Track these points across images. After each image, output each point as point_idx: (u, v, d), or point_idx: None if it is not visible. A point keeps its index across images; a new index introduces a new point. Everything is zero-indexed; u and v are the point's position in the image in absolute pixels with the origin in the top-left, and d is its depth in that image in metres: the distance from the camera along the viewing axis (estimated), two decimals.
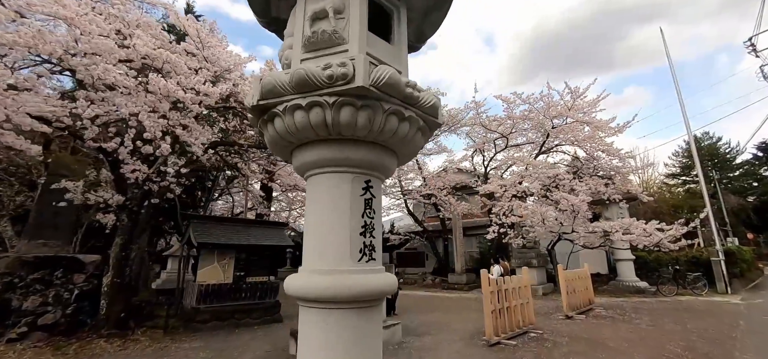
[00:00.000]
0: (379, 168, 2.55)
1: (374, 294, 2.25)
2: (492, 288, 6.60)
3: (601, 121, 14.43)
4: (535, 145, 16.57)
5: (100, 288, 7.60)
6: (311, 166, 2.57)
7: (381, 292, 2.30)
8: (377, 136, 2.32)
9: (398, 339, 6.32)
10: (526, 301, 7.72)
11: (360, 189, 2.43)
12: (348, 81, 2.12)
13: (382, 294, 2.34)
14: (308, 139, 2.46)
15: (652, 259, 15.96)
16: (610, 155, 14.80)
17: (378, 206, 2.57)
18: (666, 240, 10.96)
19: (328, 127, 2.32)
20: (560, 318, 8.91)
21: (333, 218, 2.38)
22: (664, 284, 12.98)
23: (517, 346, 6.21)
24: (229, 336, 7.45)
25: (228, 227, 9.13)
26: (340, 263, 2.29)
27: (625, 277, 14.24)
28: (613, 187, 13.77)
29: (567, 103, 14.40)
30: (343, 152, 2.42)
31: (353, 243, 2.31)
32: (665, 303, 11.14)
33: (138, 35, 5.43)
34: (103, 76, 4.95)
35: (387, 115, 2.21)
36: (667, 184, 29.88)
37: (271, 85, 2.27)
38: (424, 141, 2.76)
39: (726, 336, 6.88)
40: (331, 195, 2.45)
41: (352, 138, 2.38)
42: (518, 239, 13.46)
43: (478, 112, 15.95)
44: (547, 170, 13.87)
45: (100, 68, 4.93)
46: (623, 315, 9.31)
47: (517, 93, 14.79)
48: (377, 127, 2.26)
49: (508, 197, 13.66)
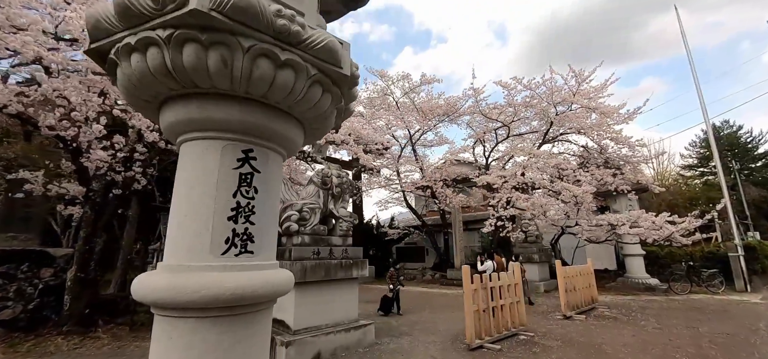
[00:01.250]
0: (266, 135, 1.96)
1: (246, 298, 1.68)
2: (475, 285, 5.97)
3: (609, 106, 13.46)
4: (539, 134, 15.69)
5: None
6: (175, 130, 1.99)
7: (257, 295, 1.73)
8: (248, 87, 1.73)
9: (370, 341, 5.78)
10: (518, 300, 7.06)
11: (234, 161, 1.84)
12: (179, 4, 1.53)
13: (260, 297, 1.76)
14: (166, 94, 1.89)
15: (664, 255, 14.98)
16: (618, 143, 13.84)
17: (268, 184, 1.98)
18: (678, 234, 10.07)
19: (174, 76, 1.74)
20: (558, 318, 8.22)
21: (192, 197, 1.80)
22: (676, 281, 12.05)
23: (501, 351, 5.58)
24: None
25: None
26: (194, 257, 1.72)
27: (634, 274, 13.34)
28: (622, 178, 12.85)
29: (572, 88, 13.47)
30: (203, 110, 1.83)
31: (217, 230, 1.73)
32: (676, 303, 10.28)
33: (74, 8, 4.96)
34: (22, 50, 4.50)
35: (253, 58, 1.62)
36: (683, 176, 28.36)
37: (95, 18, 1.68)
38: (332, 102, 2.15)
39: (743, 342, 6.09)
40: (195, 167, 1.86)
41: (216, 91, 1.81)
42: (517, 232, 12.71)
43: (477, 100, 15.13)
44: (551, 160, 13.04)
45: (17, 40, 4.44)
46: (628, 315, 8.55)
47: (518, 78, 13.90)
48: (241, 74, 1.66)
49: (507, 189, 12.90)
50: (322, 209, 5.93)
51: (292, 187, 5.91)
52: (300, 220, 5.58)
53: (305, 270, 5.20)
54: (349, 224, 6.16)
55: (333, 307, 5.60)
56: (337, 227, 6.06)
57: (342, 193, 6.16)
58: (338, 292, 5.71)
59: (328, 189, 6.06)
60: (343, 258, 5.85)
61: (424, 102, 16.14)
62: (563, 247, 17.16)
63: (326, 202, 6.00)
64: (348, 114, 2.60)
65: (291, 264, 5.14)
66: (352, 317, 5.85)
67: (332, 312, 5.58)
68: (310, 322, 5.26)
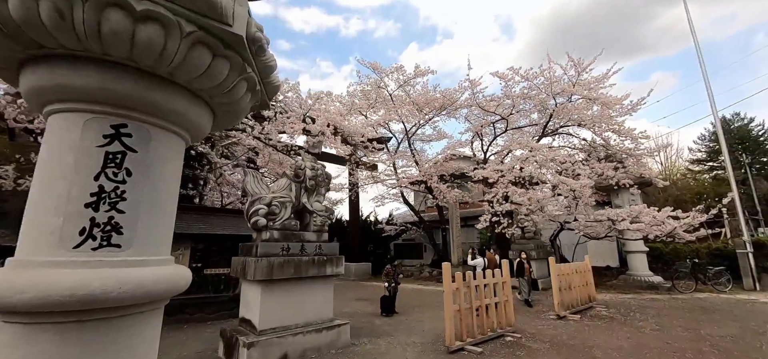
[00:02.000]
0: (144, 108, 1.63)
1: (97, 301, 1.36)
2: (456, 284, 5.64)
3: (611, 97, 12.92)
4: (539, 127, 15.20)
5: None
6: (31, 99, 1.70)
7: (117, 298, 1.42)
8: (103, 46, 1.43)
9: (345, 342, 5.48)
10: (507, 299, 6.71)
11: (99, 137, 1.52)
12: None
13: (122, 300, 1.45)
14: (19, 56, 1.60)
15: (668, 251, 14.45)
16: (621, 136, 13.30)
17: (151, 168, 1.66)
18: (681, 230, 9.58)
19: (4, 32, 1.46)
20: (551, 318, 7.84)
21: (45, 180, 1.52)
22: (680, 279, 11.54)
23: (483, 354, 5.23)
24: (171, 332, 6.88)
25: (181, 215, 8.51)
26: (39, 251, 1.41)
27: (636, 271, 12.85)
28: (624, 171, 12.34)
29: (571, 79, 12.95)
30: (55, 75, 1.52)
31: (70, 219, 1.43)
32: (679, 302, 9.81)
33: None
34: None
35: (98, 8, 1.31)
36: (691, 171, 27.49)
37: None
38: (232, 71, 1.82)
39: (749, 345, 5.66)
40: (51, 145, 1.58)
41: (68, 52, 1.50)
42: (513, 228, 12.29)
43: (474, 92, 14.67)
44: (551, 153, 12.58)
45: None
46: (626, 315, 8.13)
47: (515, 68, 13.41)
48: (85, 28, 1.36)
49: (504, 183, 12.48)
50: (294, 203, 5.64)
51: (262, 180, 5.62)
52: (269, 215, 5.29)
53: (272, 267, 4.92)
54: (325, 219, 5.86)
55: (304, 306, 5.32)
56: (312, 222, 5.77)
57: (316, 186, 5.86)
58: (310, 290, 5.42)
59: (301, 182, 5.76)
60: (316, 254, 5.56)
61: (420, 95, 15.74)
62: (564, 244, 16.69)
63: (299, 196, 5.71)
64: (272, 91, 2.27)
65: (257, 260, 4.86)
66: (325, 316, 5.57)
67: (303, 311, 5.30)
68: (278, 322, 4.99)
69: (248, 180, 5.48)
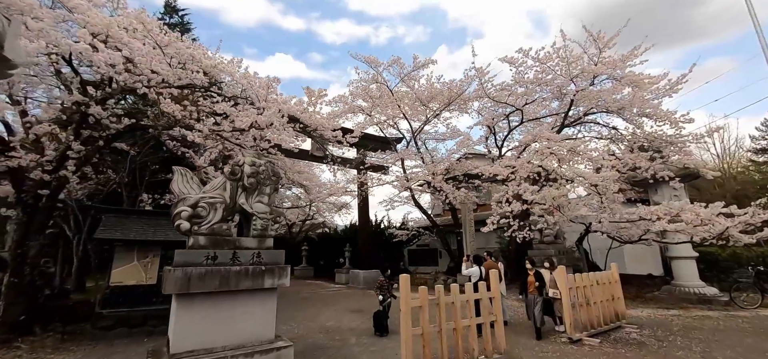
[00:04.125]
0: None
1: None
2: (420, 302, 4.53)
3: (642, 75, 11.00)
4: (559, 116, 13.45)
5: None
6: None
7: None
8: None
9: None
10: (495, 319, 5.44)
11: None
12: None
13: None
14: None
15: (725, 256, 12.04)
16: (658, 120, 11.28)
17: None
18: (735, 230, 7.63)
19: None
20: (562, 342, 6.39)
21: None
22: (741, 291, 9.38)
23: None
24: (131, 345, 6.44)
25: (150, 220, 8.07)
26: None
27: (683, 281, 10.71)
28: (662, 161, 10.36)
29: (592, 57, 11.20)
30: None
31: None
32: (739, 321, 7.82)
33: None
34: None
35: None
36: (755, 162, 23.62)
37: None
38: None
39: None
40: None
41: None
42: (524, 231, 10.73)
43: (482, 82, 13.27)
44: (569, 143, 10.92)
45: None
46: (664, 339, 6.46)
47: (525, 50, 11.84)
48: None
49: (517, 180, 10.99)
50: (228, 203, 4.85)
51: (193, 179, 4.92)
52: (193, 217, 4.54)
53: (188, 278, 4.14)
54: (267, 222, 5.02)
55: (234, 325, 4.48)
56: (252, 226, 4.96)
57: (257, 185, 5.04)
58: (243, 306, 4.58)
59: (238, 180, 4.97)
60: (252, 263, 4.72)
61: (424, 89, 14.61)
62: (594, 248, 14.60)
63: (234, 196, 4.92)
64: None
65: (171, 271, 4.12)
66: (264, 337, 4.69)
67: (233, 330, 4.46)
68: (199, 343, 4.19)
69: (175, 179, 4.78)
